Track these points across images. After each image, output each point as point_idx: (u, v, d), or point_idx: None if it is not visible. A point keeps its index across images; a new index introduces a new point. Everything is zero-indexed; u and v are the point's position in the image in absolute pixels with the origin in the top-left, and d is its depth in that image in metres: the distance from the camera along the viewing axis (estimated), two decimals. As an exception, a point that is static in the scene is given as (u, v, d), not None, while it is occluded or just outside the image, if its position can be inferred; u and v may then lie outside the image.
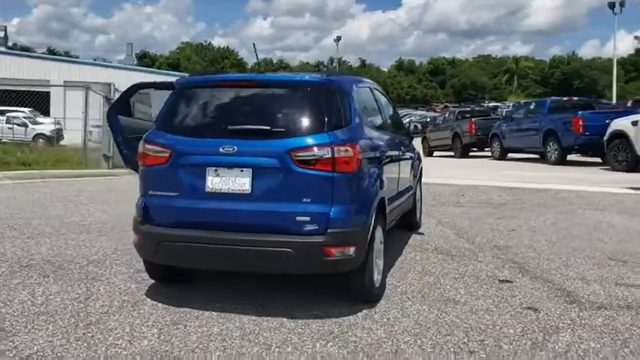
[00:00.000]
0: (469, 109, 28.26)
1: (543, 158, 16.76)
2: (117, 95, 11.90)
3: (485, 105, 59.85)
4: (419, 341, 3.59)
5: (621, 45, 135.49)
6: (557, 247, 6.07)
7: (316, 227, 3.80)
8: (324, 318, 3.94)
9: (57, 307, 4.09)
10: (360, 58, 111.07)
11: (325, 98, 4.07)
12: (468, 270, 5.21)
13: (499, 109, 46.67)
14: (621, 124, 13.97)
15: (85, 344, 3.47)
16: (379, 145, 4.69)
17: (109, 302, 4.23)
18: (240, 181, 3.90)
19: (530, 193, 10.26)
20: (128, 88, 5.60)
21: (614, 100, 38.81)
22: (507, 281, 4.87)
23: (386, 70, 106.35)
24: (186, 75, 5.86)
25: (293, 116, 4.08)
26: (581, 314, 4.09)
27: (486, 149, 19.95)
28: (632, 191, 10.32)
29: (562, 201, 9.36)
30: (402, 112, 26.89)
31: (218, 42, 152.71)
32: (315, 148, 3.84)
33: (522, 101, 32.43)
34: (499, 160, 18.57)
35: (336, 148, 3.83)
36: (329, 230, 3.79)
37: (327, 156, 3.81)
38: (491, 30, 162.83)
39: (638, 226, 7.24)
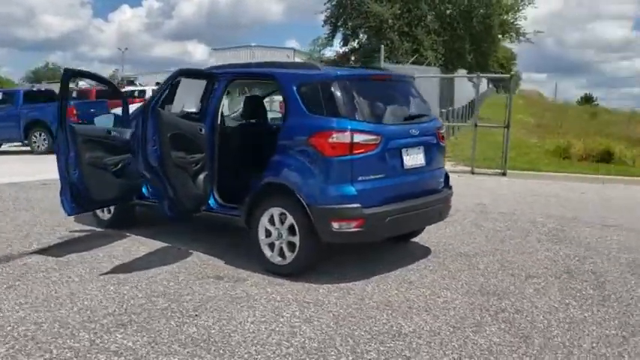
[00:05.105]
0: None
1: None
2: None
3: None
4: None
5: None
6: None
7: (445, 184, 5.43)
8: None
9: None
10: None
11: None
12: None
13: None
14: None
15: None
16: None
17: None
18: (419, 157, 4.96)
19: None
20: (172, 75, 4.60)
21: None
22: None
23: None
24: None
25: (423, 103, 5.32)
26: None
27: None
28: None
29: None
30: None
31: None
32: (442, 127, 5.39)
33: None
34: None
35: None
36: (449, 184, 5.50)
37: (444, 132, 5.46)
38: None
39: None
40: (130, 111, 5.74)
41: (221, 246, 5.61)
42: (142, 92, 23.17)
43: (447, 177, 5.43)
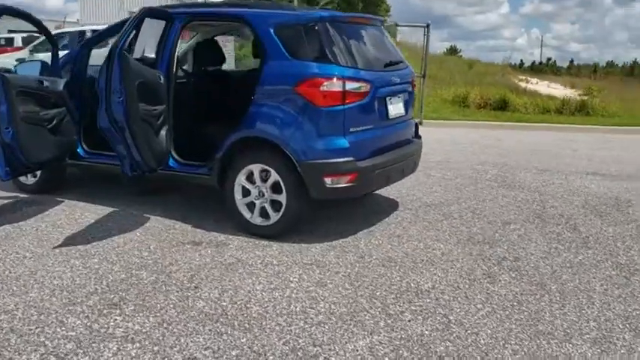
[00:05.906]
0: None
1: None
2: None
3: None
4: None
5: None
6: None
7: (415, 134, 5.30)
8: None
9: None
10: None
11: None
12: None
13: None
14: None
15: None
16: None
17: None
18: (400, 106, 4.76)
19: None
20: (138, 16, 3.93)
21: None
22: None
23: None
24: None
25: (395, 50, 5.05)
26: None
27: None
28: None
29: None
30: None
31: None
32: (414, 75, 5.21)
33: None
34: None
35: None
36: (419, 134, 5.39)
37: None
38: None
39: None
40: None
41: (177, 207, 5.10)
42: (10, 40, 20.73)
43: (416, 127, 5.30)
